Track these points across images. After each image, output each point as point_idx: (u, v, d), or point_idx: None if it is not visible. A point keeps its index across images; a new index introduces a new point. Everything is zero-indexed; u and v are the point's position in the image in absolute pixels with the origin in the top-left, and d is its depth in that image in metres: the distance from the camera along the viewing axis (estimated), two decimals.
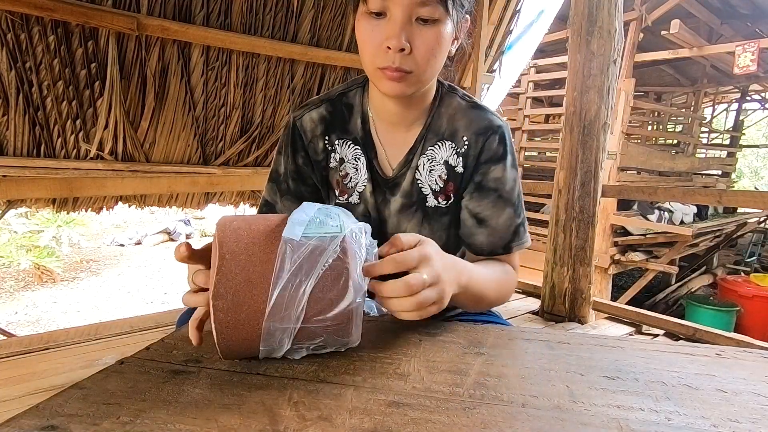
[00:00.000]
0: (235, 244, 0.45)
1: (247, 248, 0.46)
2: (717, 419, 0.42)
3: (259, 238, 0.46)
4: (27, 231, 6.45)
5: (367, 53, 0.66)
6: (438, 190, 0.78)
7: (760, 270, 6.37)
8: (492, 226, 0.76)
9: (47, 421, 0.38)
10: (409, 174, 0.78)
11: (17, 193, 1.77)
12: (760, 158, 16.89)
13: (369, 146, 0.79)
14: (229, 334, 0.45)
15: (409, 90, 0.68)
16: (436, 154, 0.77)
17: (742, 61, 4.71)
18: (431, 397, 0.44)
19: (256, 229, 0.47)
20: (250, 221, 0.48)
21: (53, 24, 1.66)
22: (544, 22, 3.38)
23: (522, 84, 5.90)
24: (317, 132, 0.80)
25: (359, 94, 0.80)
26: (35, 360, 1.57)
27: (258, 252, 0.46)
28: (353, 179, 0.79)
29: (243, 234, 0.46)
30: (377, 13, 0.63)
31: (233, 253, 0.45)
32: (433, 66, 0.67)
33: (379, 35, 0.63)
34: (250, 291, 0.45)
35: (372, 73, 0.68)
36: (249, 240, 0.46)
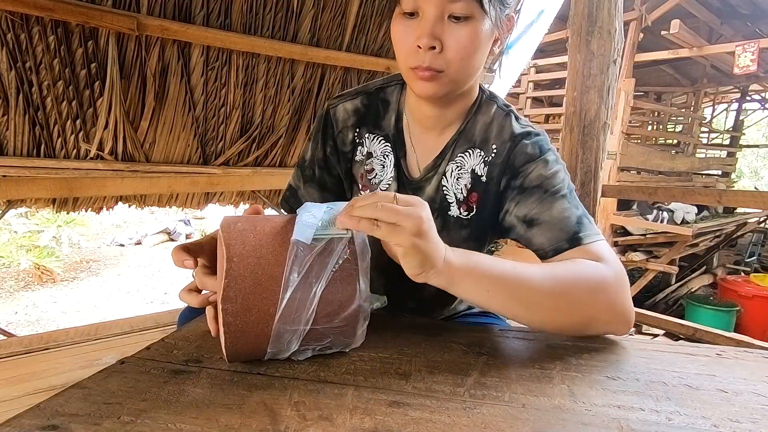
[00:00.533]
0: (242, 246, 0.45)
1: (254, 250, 0.45)
2: (717, 419, 0.42)
3: (266, 240, 0.46)
4: (27, 231, 6.45)
5: (401, 53, 0.65)
6: (462, 199, 0.74)
7: (760, 270, 6.36)
8: (545, 221, 0.66)
9: (48, 420, 0.38)
10: (435, 179, 0.75)
11: (17, 193, 1.77)
12: (760, 158, 16.88)
13: (399, 145, 0.77)
14: (238, 337, 0.45)
15: (441, 91, 0.65)
16: (465, 161, 0.74)
17: (742, 61, 4.71)
18: (432, 397, 0.44)
19: (262, 230, 0.47)
20: (255, 222, 0.48)
21: (53, 24, 1.66)
22: (544, 22, 3.38)
23: (522, 84, 5.90)
24: (349, 123, 0.79)
25: (397, 91, 0.79)
26: (35, 360, 1.57)
27: (266, 254, 0.45)
28: (378, 176, 0.78)
29: (249, 236, 0.46)
30: (410, 13, 0.62)
31: (241, 256, 0.45)
32: (468, 66, 0.64)
33: (411, 35, 0.62)
34: (260, 294, 0.45)
35: (405, 74, 0.67)
36: (256, 242, 0.46)
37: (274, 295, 0.45)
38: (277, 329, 0.46)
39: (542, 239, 0.65)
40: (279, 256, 0.45)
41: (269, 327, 0.46)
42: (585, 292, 0.56)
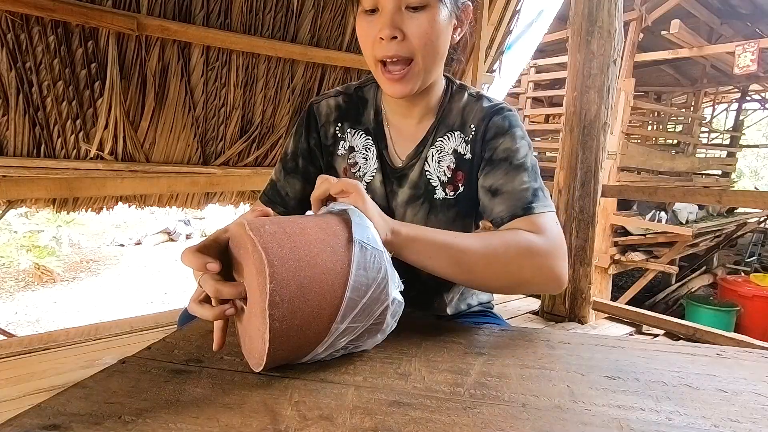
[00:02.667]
0: (280, 249, 0.44)
1: (293, 253, 0.44)
2: (717, 419, 0.42)
3: (301, 242, 0.46)
4: (27, 231, 6.45)
5: (367, 48, 0.69)
6: (446, 180, 0.77)
7: (760, 270, 6.37)
8: (507, 192, 0.71)
9: (49, 420, 0.38)
10: (417, 165, 0.78)
11: (17, 193, 1.77)
12: (760, 158, 16.88)
13: (380, 137, 0.81)
14: (282, 342, 0.44)
15: (411, 87, 0.69)
16: (444, 144, 0.78)
17: (742, 61, 4.71)
18: (432, 397, 0.44)
19: (292, 232, 0.46)
20: (282, 224, 0.47)
21: (53, 24, 1.66)
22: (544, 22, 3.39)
23: (522, 84, 5.90)
24: (331, 118, 0.82)
25: (373, 89, 0.83)
26: (35, 360, 1.57)
27: (304, 256, 0.45)
28: (362, 168, 0.80)
29: (283, 238, 0.45)
30: (371, 11, 0.67)
31: (282, 259, 0.43)
32: (433, 52, 0.68)
33: (373, 29, 0.67)
34: (303, 297, 0.44)
35: (374, 69, 0.71)
36: (291, 244, 0.45)
37: (317, 298, 0.45)
38: (336, 329, 0.46)
39: (501, 207, 0.71)
40: (317, 258, 0.45)
41: (311, 330, 0.45)
42: (513, 257, 0.63)
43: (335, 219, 0.50)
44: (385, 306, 0.49)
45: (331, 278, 0.45)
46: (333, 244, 0.47)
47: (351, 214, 0.50)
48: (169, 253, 7.93)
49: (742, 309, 4.57)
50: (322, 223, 0.49)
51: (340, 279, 0.46)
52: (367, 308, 0.47)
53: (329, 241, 0.47)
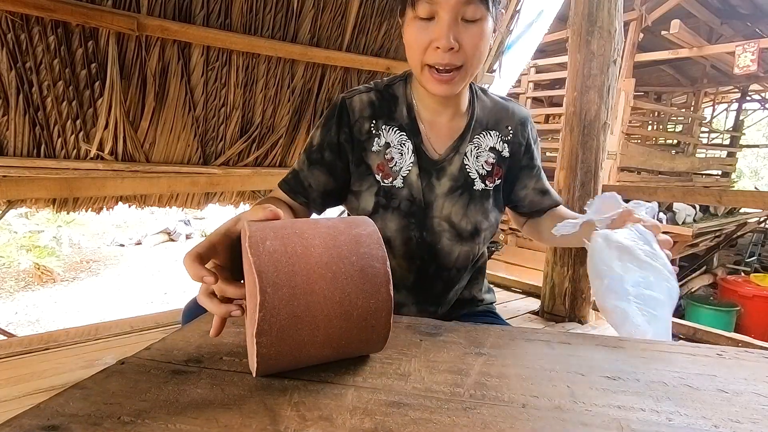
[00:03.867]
0: (276, 274, 0.42)
1: (288, 279, 0.43)
2: (718, 419, 0.42)
3: (301, 267, 0.44)
4: (27, 231, 6.45)
5: (417, 52, 0.72)
6: (485, 174, 0.85)
7: (760, 270, 6.36)
8: (546, 190, 0.93)
9: (48, 420, 0.38)
10: (457, 159, 0.84)
11: (17, 193, 1.77)
12: (760, 158, 16.88)
13: (415, 133, 0.83)
14: (270, 365, 0.44)
15: (456, 89, 0.75)
16: (481, 142, 0.85)
17: (742, 61, 4.71)
18: (432, 397, 0.44)
19: (293, 252, 0.44)
20: (285, 239, 0.45)
21: (53, 24, 1.66)
22: (544, 22, 3.38)
23: (522, 84, 5.90)
24: (365, 114, 0.83)
25: (402, 86, 0.86)
26: (35, 360, 1.57)
27: (301, 283, 0.43)
28: (398, 163, 0.82)
29: (281, 260, 0.43)
30: (426, 18, 0.70)
31: (275, 286, 0.42)
32: (480, 60, 0.74)
33: (427, 36, 0.70)
34: (295, 326, 0.43)
35: (420, 72, 0.74)
36: (289, 269, 0.43)
37: (310, 326, 0.44)
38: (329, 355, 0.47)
39: (549, 201, 0.93)
40: (314, 285, 0.43)
41: (302, 354, 0.45)
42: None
43: (345, 236, 0.47)
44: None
45: (327, 308, 0.44)
46: (335, 270, 0.44)
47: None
48: (169, 253, 7.93)
49: (742, 309, 4.57)
50: (329, 241, 0.46)
51: (337, 309, 0.44)
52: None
53: (332, 266, 0.45)
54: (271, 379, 0.46)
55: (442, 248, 0.83)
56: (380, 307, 0.46)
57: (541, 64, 5.83)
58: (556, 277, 2.19)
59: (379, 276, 0.46)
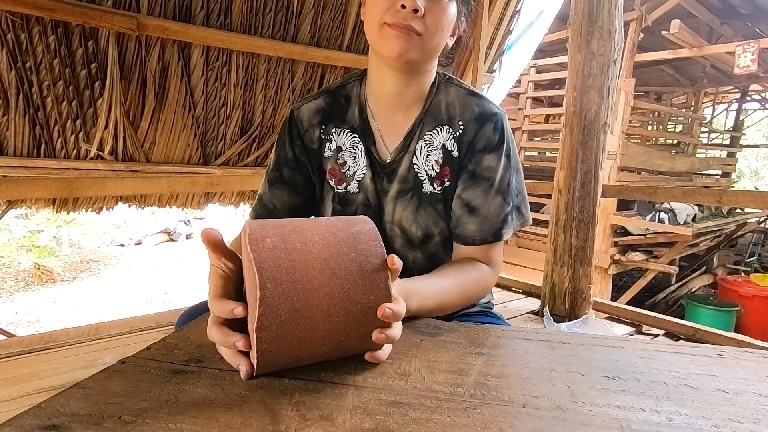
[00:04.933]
0: (275, 270, 0.43)
1: (288, 275, 0.43)
2: (718, 419, 0.42)
3: (300, 263, 0.44)
4: (27, 231, 6.45)
5: (378, 9, 0.67)
6: (434, 175, 0.78)
7: (760, 270, 6.37)
8: (483, 215, 0.76)
9: (49, 420, 0.38)
10: (406, 159, 0.78)
11: (17, 193, 1.77)
12: (760, 158, 16.88)
13: (367, 133, 0.79)
14: (270, 361, 0.45)
15: (413, 54, 0.68)
16: (433, 138, 0.77)
17: (742, 61, 4.71)
18: (432, 397, 0.44)
19: (293, 248, 0.45)
20: (285, 238, 0.45)
21: (53, 24, 1.66)
22: (544, 22, 3.38)
23: (522, 84, 5.90)
24: (314, 122, 0.81)
25: (357, 86, 0.81)
26: (35, 360, 1.57)
27: (300, 279, 0.43)
28: (351, 167, 0.79)
29: (281, 256, 0.44)
30: None
31: (275, 282, 0.42)
32: (438, 38, 0.69)
33: None
34: (295, 321, 0.43)
35: (377, 32, 0.68)
36: (288, 265, 0.43)
37: (310, 322, 0.44)
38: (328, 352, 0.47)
39: (474, 228, 0.76)
40: (314, 281, 0.44)
41: (302, 351, 0.45)
42: (477, 290, 0.75)
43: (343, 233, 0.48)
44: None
45: (326, 303, 0.44)
46: (334, 266, 0.45)
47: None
48: (169, 253, 7.94)
49: (742, 309, 4.57)
50: (329, 238, 0.47)
51: (336, 304, 0.45)
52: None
53: (331, 261, 0.45)
54: (272, 378, 0.46)
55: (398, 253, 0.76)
56: (379, 303, 0.46)
57: (541, 64, 5.83)
58: (555, 277, 2.19)
59: (378, 272, 0.46)
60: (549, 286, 2.22)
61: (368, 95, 0.80)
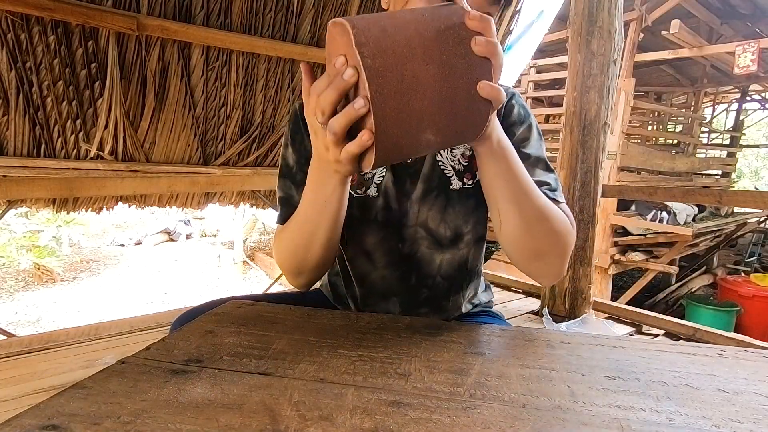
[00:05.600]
0: (361, 19, 0.41)
1: (377, 21, 0.42)
2: (718, 419, 0.42)
3: (392, 23, 0.42)
4: (27, 231, 6.45)
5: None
6: (462, 169, 0.74)
7: (760, 270, 6.37)
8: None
9: (48, 420, 0.38)
10: (428, 156, 0.73)
11: (17, 193, 1.77)
12: (760, 158, 16.88)
13: None
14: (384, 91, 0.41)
15: None
16: None
17: (742, 61, 4.71)
18: (432, 397, 0.44)
19: (384, 15, 0.44)
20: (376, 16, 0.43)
21: (53, 24, 1.66)
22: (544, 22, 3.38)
23: (522, 84, 5.90)
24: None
25: None
26: (35, 360, 1.57)
27: (389, 25, 0.42)
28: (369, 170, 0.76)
29: (371, 18, 0.42)
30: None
31: (362, 19, 0.41)
32: None
33: None
34: (388, 38, 0.41)
35: None
36: (384, 23, 0.42)
37: (404, 39, 0.42)
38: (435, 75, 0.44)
39: None
40: (409, 36, 0.42)
41: (408, 71, 0.42)
42: (557, 231, 0.62)
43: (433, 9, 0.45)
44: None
45: (415, 26, 0.42)
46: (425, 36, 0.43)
47: None
48: (169, 253, 7.94)
49: (742, 309, 4.57)
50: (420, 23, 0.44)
51: (440, 73, 0.42)
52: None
53: (421, 29, 0.43)
54: (271, 378, 0.46)
55: (422, 257, 0.76)
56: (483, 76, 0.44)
57: (541, 64, 5.83)
58: None
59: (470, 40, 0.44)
60: (549, 286, 2.22)
61: None
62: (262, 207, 2.55)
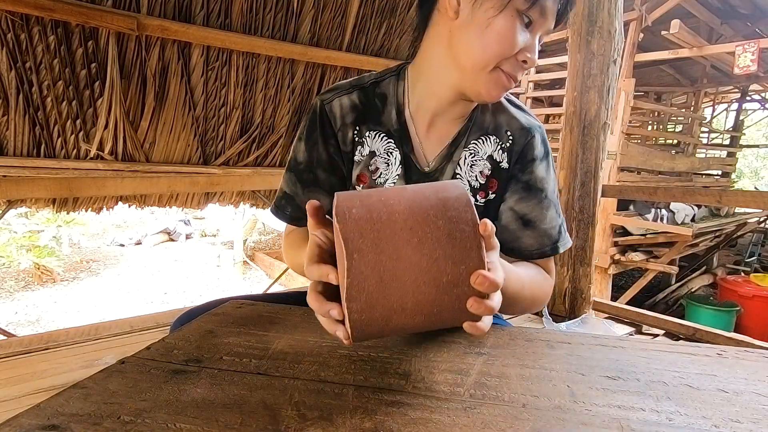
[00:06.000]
0: (361, 240, 0.42)
1: (374, 245, 0.42)
2: (718, 419, 0.42)
3: (386, 233, 0.43)
4: (27, 231, 6.45)
5: (496, 52, 0.62)
6: (478, 187, 0.73)
7: (760, 270, 6.37)
8: (539, 228, 0.73)
9: (48, 420, 0.38)
10: (449, 168, 0.73)
11: (17, 193, 1.77)
12: (760, 158, 16.89)
13: (405, 140, 0.73)
14: (363, 330, 0.44)
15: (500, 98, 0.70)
16: (479, 148, 0.73)
17: (742, 61, 4.71)
18: (432, 397, 0.44)
19: (378, 218, 0.44)
20: (369, 206, 0.44)
21: (53, 24, 1.66)
22: None
23: (522, 84, 5.90)
24: (347, 120, 0.73)
25: (393, 84, 0.74)
26: (35, 360, 1.57)
27: (387, 249, 0.42)
28: (383, 174, 0.73)
29: (366, 227, 0.43)
30: (528, 21, 0.62)
31: (361, 252, 0.42)
32: None
33: (518, 42, 0.62)
34: (383, 292, 0.42)
35: (486, 72, 0.64)
36: (374, 235, 0.43)
37: (398, 291, 0.43)
38: (420, 323, 0.45)
39: (531, 241, 0.74)
40: (401, 252, 0.43)
41: (394, 321, 0.44)
42: (544, 292, 0.74)
43: (430, 201, 0.45)
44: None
45: (414, 274, 0.42)
46: (421, 234, 0.43)
47: None
48: (169, 253, 7.94)
49: (742, 309, 4.57)
50: (415, 206, 0.45)
51: (424, 274, 0.43)
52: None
53: (417, 231, 0.43)
54: (271, 378, 0.46)
55: None
56: (471, 272, 0.43)
57: (541, 64, 5.82)
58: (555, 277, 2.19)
59: (469, 240, 0.43)
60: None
61: (411, 97, 0.73)
62: (262, 207, 2.55)
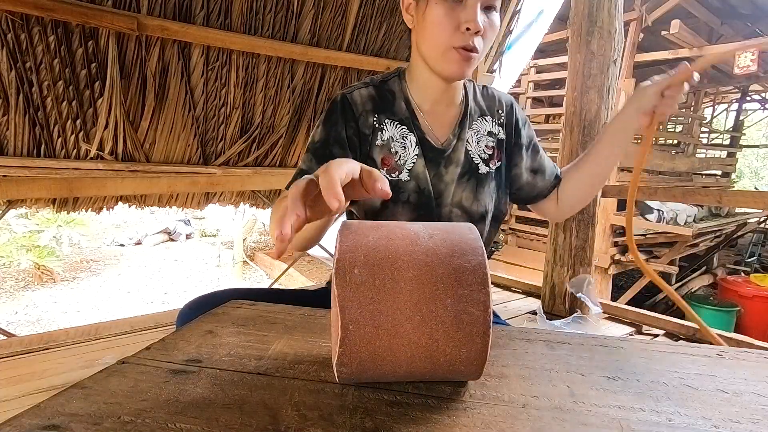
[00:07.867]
0: (359, 312, 0.40)
1: (372, 318, 0.40)
2: (718, 420, 0.42)
3: (386, 304, 0.41)
4: (27, 231, 6.45)
5: (443, 34, 0.74)
6: (487, 158, 0.89)
7: (760, 270, 6.37)
8: (546, 171, 0.95)
9: (48, 420, 0.38)
10: (460, 146, 0.86)
11: (17, 193, 1.77)
12: (760, 158, 16.88)
13: (415, 126, 0.85)
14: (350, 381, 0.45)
15: (469, 72, 0.77)
16: (480, 127, 0.89)
17: (742, 61, 4.71)
18: (432, 397, 0.44)
19: (381, 286, 0.41)
20: (374, 268, 0.41)
21: (53, 24, 1.66)
22: (544, 22, 3.38)
23: (522, 84, 5.91)
24: (367, 108, 0.84)
25: (397, 83, 0.87)
26: (35, 360, 1.57)
27: (385, 323, 0.40)
28: (402, 156, 0.83)
29: (367, 295, 0.40)
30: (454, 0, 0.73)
31: (357, 324, 0.40)
32: (487, 48, 0.78)
33: (455, 19, 0.73)
34: (375, 363, 0.42)
35: (441, 54, 0.76)
36: (374, 307, 0.40)
37: (390, 365, 0.42)
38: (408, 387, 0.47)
39: (544, 183, 0.96)
40: (399, 327, 0.41)
41: (381, 380, 0.45)
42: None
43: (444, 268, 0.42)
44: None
45: (411, 351, 0.41)
46: (425, 312, 0.41)
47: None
48: (169, 253, 7.94)
49: (742, 309, 4.57)
50: (425, 275, 0.41)
51: (422, 353, 0.41)
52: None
53: (422, 307, 0.41)
54: (271, 378, 0.46)
55: None
56: (472, 357, 0.42)
57: (541, 64, 5.83)
58: (555, 277, 2.19)
59: (477, 324, 0.41)
60: (549, 287, 2.22)
61: (412, 92, 0.86)
62: (261, 207, 2.55)
